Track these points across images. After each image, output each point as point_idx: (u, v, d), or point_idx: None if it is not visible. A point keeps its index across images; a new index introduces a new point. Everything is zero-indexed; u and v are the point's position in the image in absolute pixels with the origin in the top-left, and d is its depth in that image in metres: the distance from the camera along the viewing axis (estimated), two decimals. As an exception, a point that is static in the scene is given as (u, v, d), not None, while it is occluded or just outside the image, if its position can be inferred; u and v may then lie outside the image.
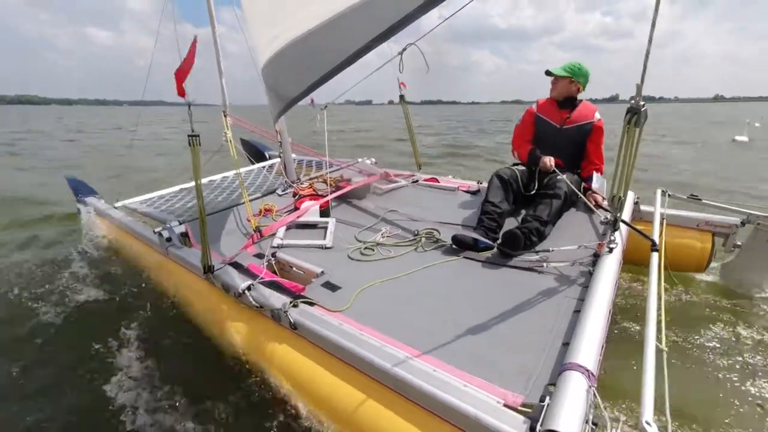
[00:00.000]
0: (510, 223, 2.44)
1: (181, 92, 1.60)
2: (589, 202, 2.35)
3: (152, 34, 2.88)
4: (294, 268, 2.11)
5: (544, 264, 1.94)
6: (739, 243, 2.55)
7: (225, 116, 2.67)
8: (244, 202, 2.58)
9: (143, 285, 2.67)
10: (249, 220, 2.47)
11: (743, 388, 1.80)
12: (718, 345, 2.08)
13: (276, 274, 2.05)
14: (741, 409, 1.69)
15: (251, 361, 1.77)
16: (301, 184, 3.40)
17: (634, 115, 1.49)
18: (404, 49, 2.43)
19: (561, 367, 1.17)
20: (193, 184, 1.88)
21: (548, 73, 2.68)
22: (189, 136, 1.72)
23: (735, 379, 1.84)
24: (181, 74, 1.55)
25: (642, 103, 1.47)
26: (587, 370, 1.11)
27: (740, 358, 1.98)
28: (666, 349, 1.23)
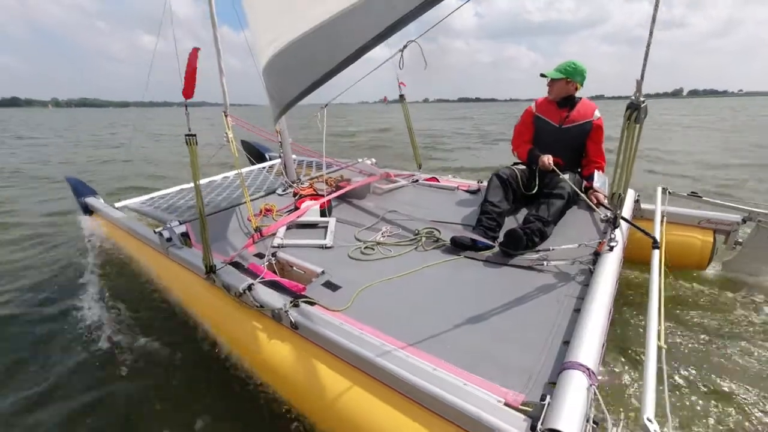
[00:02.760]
0: (510, 223, 2.44)
1: (187, 95, 1.64)
2: (590, 201, 2.34)
3: (196, 39, 2.89)
4: (294, 268, 2.11)
5: (545, 262, 1.94)
6: (740, 240, 2.55)
7: (225, 116, 2.67)
8: (244, 202, 2.59)
9: (144, 285, 2.67)
10: (249, 220, 2.47)
11: (745, 386, 1.79)
12: (719, 343, 2.08)
13: (276, 273, 2.06)
14: (743, 407, 1.68)
15: (252, 361, 1.77)
16: (302, 184, 3.41)
17: (634, 111, 1.48)
18: (404, 47, 2.43)
19: (561, 365, 1.17)
20: (192, 184, 1.88)
21: (543, 75, 2.68)
22: (186, 135, 1.72)
23: (736, 378, 1.84)
24: (187, 79, 1.59)
25: (642, 99, 1.46)
26: (588, 369, 1.11)
27: (741, 357, 1.98)
28: (666, 346, 1.23)
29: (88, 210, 3.56)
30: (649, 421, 0.92)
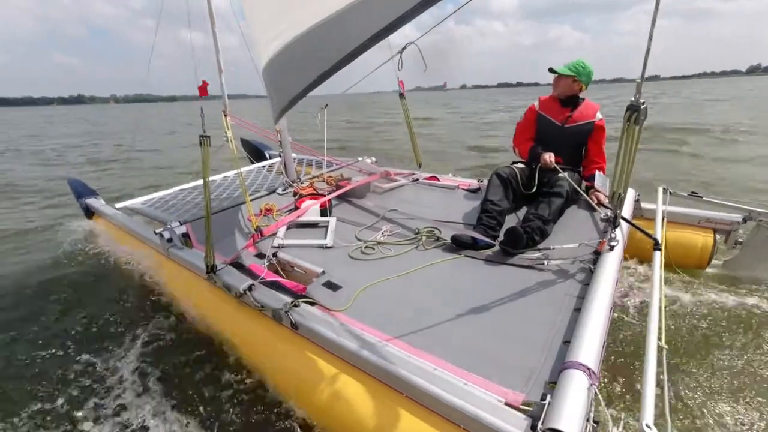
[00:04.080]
0: (510, 221, 2.44)
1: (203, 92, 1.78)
2: (590, 200, 2.34)
3: (233, 32, 2.97)
4: (295, 268, 2.11)
5: (545, 262, 1.94)
6: (740, 240, 2.55)
7: (225, 116, 2.67)
8: (244, 202, 2.58)
9: (144, 285, 2.67)
10: (250, 220, 2.47)
11: (746, 387, 1.79)
12: (719, 343, 2.07)
13: (277, 274, 2.06)
14: (744, 409, 1.68)
15: (252, 361, 1.77)
16: (302, 183, 3.40)
17: (634, 112, 1.48)
18: (404, 49, 2.42)
19: (562, 365, 1.17)
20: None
21: (552, 71, 2.67)
22: (200, 136, 1.74)
23: (737, 379, 1.84)
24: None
25: (642, 100, 1.46)
26: (588, 369, 1.11)
27: (742, 358, 1.97)
28: (667, 347, 1.23)
29: (89, 211, 3.56)
30: (648, 427, 0.92)
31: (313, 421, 1.48)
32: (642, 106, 1.46)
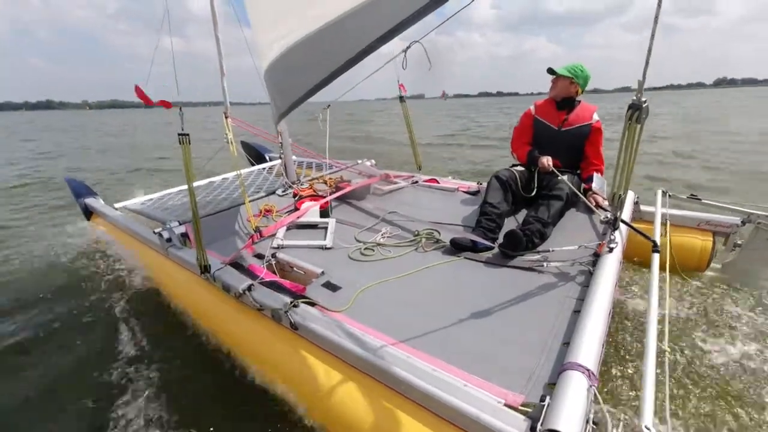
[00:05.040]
0: (509, 224, 2.44)
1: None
2: (589, 203, 2.34)
3: (215, 39, 2.83)
4: (294, 269, 2.11)
5: (545, 264, 1.94)
6: (739, 242, 2.55)
7: (226, 118, 2.67)
8: (244, 203, 2.59)
9: (143, 285, 2.67)
10: (249, 221, 2.47)
11: (746, 388, 1.79)
12: (718, 346, 2.07)
13: (276, 274, 2.06)
14: (744, 410, 1.68)
15: (251, 361, 1.77)
16: (301, 185, 3.41)
17: (636, 111, 1.48)
18: (408, 47, 2.43)
19: (561, 366, 1.17)
20: (193, 184, 1.89)
21: (550, 71, 2.69)
22: (179, 134, 1.73)
23: (737, 380, 1.84)
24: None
25: (644, 99, 1.46)
26: (587, 370, 1.11)
27: (741, 360, 1.97)
28: (668, 349, 1.23)
29: (87, 211, 3.56)
30: (648, 428, 0.92)
31: (312, 422, 1.47)
32: (644, 105, 1.46)
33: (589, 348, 1.20)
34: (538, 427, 1.00)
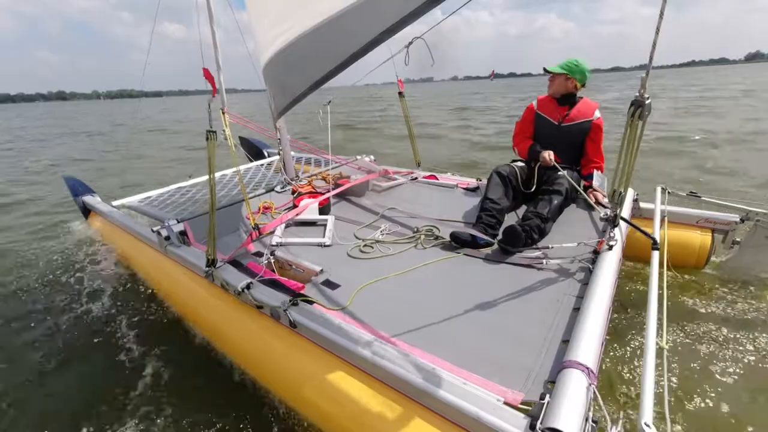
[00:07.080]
0: (510, 220, 2.44)
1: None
2: (589, 199, 2.34)
3: (216, 25, 2.89)
4: (293, 267, 2.10)
5: (544, 261, 1.94)
6: (738, 240, 2.56)
7: (223, 113, 2.65)
8: (243, 200, 2.57)
9: (142, 284, 2.66)
10: (248, 218, 2.46)
11: (746, 386, 1.80)
12: (717, 343, 2.08)
13: (275, 272, 2.05)
14: (744, 408, 1.69)
15: (250, 359, 1.77)
16: (300, 181, 3.39)
17: (638, 108, 1.47)
18: (410, 43, 2.40)
19: (561, 364, 1.17)
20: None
21: (546, 70, 2.68)
22: (207, 131, 1.73)
23: (736, 378, 1.84)
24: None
25: (647, 95, 1.45)
26: (587, 368, 1.11)
27: (739, 357, 1.98)
28: (667, 347, 1.23)
29: (86, 209, 3.54)
30: (647, 425, 0.92)
31: (311, 420, 1.47)
32: (647, 101, 1.45)
33: (588, 346, 1.20)
34: (538, 425, 1.00)
